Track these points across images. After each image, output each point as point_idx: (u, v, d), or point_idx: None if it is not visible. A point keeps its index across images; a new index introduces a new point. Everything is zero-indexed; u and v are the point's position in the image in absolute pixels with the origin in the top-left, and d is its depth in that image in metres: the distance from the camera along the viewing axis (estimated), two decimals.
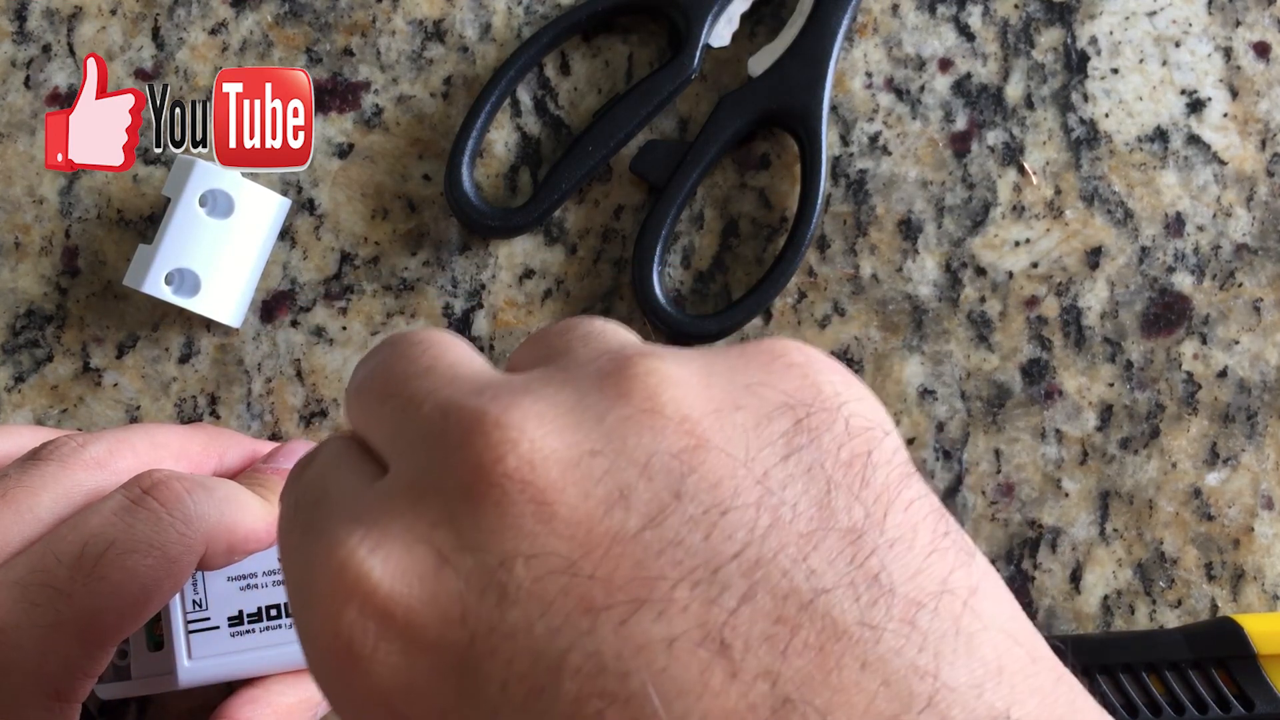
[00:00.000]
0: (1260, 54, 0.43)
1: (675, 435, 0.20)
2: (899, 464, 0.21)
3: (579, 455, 0.20)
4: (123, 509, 0.29)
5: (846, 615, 0.19)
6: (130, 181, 0.41)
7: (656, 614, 0.19)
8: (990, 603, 0.20)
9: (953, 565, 0.20)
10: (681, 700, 0.18)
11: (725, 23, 0.41)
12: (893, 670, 0.18)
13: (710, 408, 0.21)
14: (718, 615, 0.18)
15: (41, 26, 0.41)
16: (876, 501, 0.20)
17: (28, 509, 0.30)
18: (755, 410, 0.21)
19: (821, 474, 0.20)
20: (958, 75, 0.42)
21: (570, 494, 0.20)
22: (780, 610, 0.19)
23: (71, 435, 0.33)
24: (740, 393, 0.21)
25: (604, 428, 0.20)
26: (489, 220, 0.40)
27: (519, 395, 0.21)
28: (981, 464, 0.41)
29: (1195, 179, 0.42)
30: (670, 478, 0.20)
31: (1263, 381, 0.41)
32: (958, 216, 0.42)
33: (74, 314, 0.40)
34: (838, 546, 0.19)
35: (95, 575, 0.28)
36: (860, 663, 0.18)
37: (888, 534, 0.20)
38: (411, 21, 0.42)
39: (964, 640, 0.19)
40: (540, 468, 0.20)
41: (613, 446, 0.20)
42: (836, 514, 0.20)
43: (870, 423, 0.21)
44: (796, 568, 0.19)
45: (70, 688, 0.29)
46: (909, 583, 0.19)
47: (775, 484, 0.20)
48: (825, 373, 0.22)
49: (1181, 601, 0.40)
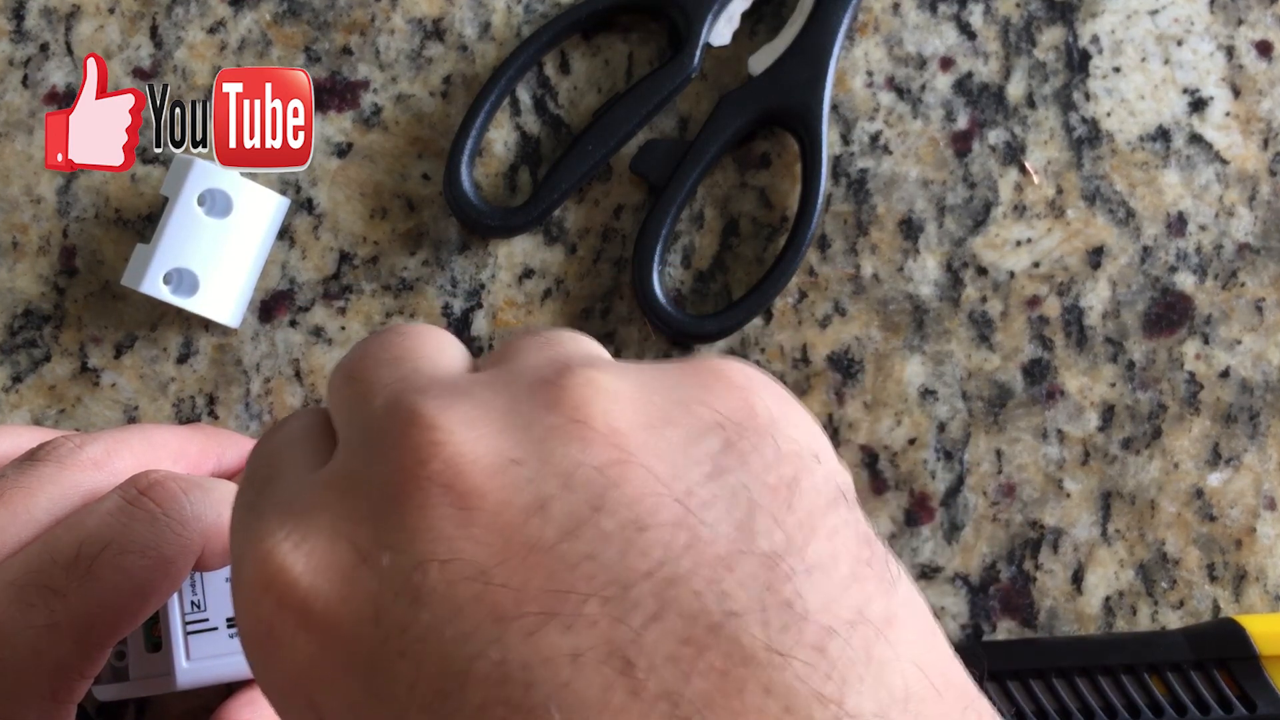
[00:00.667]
0: (1263, 53, 0.43)
1: (601, 448, 0.20)
2: (827, 491, 0.21)
3: (504, 462, 0.20)
4: (119, 510, 0.29)
5: (755, 640, 0.18)
6: (128, 181, 0.41)
7: (565, 627, 0.18)
8: (906, 633, 0.20)
9: (871, 594, 0.20)
10: (582, 716, 0.18)
11: (725, 21, 0.41)
12: (796, 697, 0.18)
13: (641, 421, 0.21)
14: (625, 633, 0.18)
15: (39, 25, 0.41)
16: (799, 528, 0.20)
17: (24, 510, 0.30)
18: (687, 428, 0.21)
19: (746, 497, 0.20)
20: (959, 74, 0.42)
21: (490, 501, 0.20)
22: (688, 631, 0.18)
23: (69, 436, 0.33)
24: (674, 409, 0.21)
25: (532, 436, 0.20)
26: (488, 220, 0.40)
27: (458, 398, 0.21)
28: (983, 464, 0.41)
29: (1197, 178, 0.42)
30: (591, 491, 0.20)
31: (1265, 381, 0.41)
32: (959, 216, 0.42)
33: (72, 314, 0.40)
34: (754, 570, 0.19)
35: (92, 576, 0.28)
36: (764, 688, 0.18)
37: (807, 560, 0.20)
38: (410, 20, 0.42)
39: (874, 669, 0.19)
40: (464, 472, 0.20)
41: (538, 456, 0.20)
42: (757, 538, 0.20)
43: (801, 448, 0.21)
44: (709, 589, 0.19)
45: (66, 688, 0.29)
46: (823, 610, 0.19)
47: (697, 504, 0.20)
48: (763, 395, 0.22)
49: (1183, 602, 0.40)
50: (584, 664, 0.18)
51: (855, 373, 0.41)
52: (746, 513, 0.20)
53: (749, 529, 0.20)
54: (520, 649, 0.18)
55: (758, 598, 0.19)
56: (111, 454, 0.32)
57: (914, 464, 0.40)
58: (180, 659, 0.34)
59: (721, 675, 0.18)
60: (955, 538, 0.40)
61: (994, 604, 0.40)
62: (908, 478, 0.40)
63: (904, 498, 0.40)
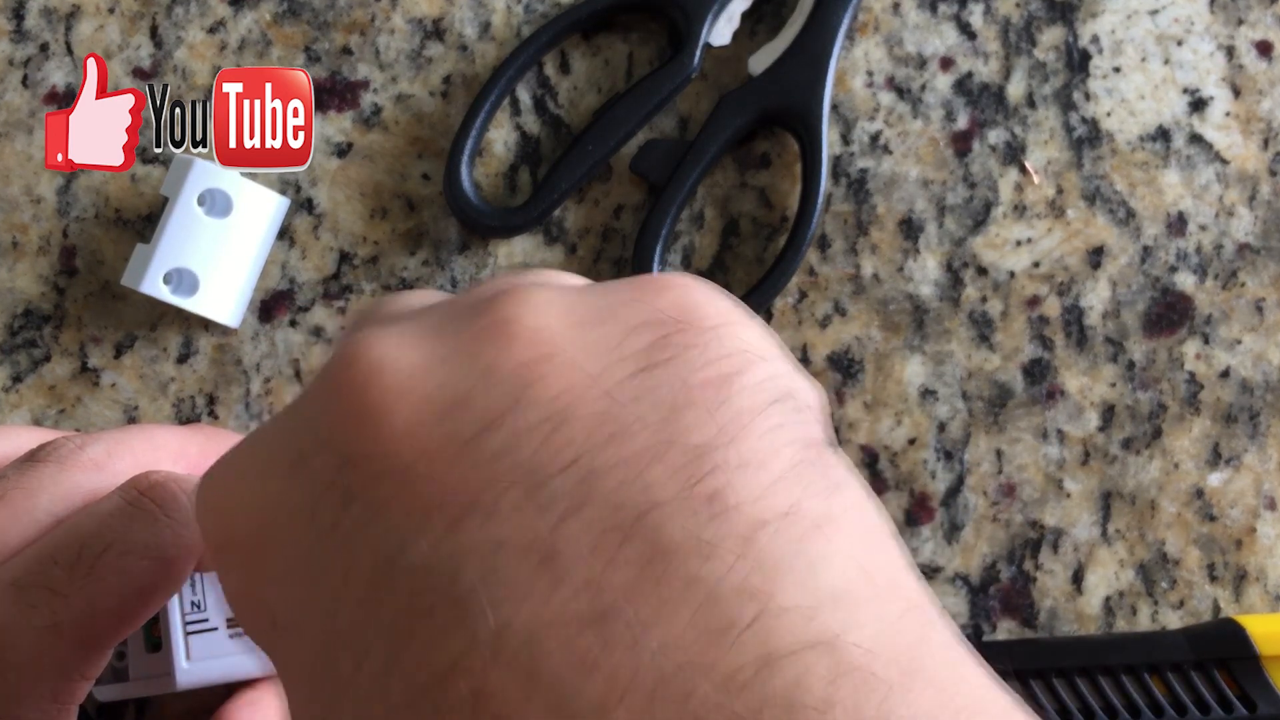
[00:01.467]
0: (1263, 53, 0.43)
1: (525, 345, 0.20)
2: (771, 390, 0.21)
3: (427, 363, 0.20)
4: (120, 510, 0.29)
5: (678, 531, 0.18)
6: (128, 181, 0.41)
7: (486, 517, 0.19)
8: (845, 532, 0.19)
9: (808, 493, 0.19)
10: (507, 604, 0.18)
11: (726, 21, 0.41)
12: (720, 587, 0.18)
13: (570, 321, 0.21)
14: (546, 522, 0.19)
15: (39, 25, 0.41)
16: (733, 422, 0.20)
17: (25, 510, 0.30)
18: (618, 325, 0.21)
19: (677, 390, 0.20)
20: (959, 74, 0.42)
21: (411, 398, 0.20)
22: (610, 521, 0.18)
23: (69, 436, 0.33)
24: (609, 309, 0.21)
25: (458, 340, 0.21)
26: (488, 220, 0.40)
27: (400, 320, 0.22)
28: (983, 464, 0.41)
29: (1197, 178, 0.42)
30: (513, 385, 0.20)
31: (1265, 381, 0.41)
32: (959, 216, 0.42)
33: (72, 314, 0.40)
34: (679, 463, 0.19)
35: (93, 577, 0.28)
36: (686, 579, 0.18)
37: (740, 455, 0.19)
38: (410, 20, 0.42)
39: (805, 563, 0.18)
40: (385, 373, 0.20)
41: (460, 356, 0.21)
42: (684, 431, 0.19)
43: (746, 347, 0.21)
44: (632, 481, 0.19)
45: (67, 689, 0.29)
46: (752, 503, 0.19)
47: (624, 397, 0.20)
48: (706, 296, 0.22)
49: (1184, 602, 0.40)
50: (507, 553, 0.18)
51: (855, 373, 0.41)
52: (676, 406, 0.20)
53: (677, 422, 0.20)
54: (444, 540, 0.19)
55: (682, 489, 0.19)
56: (112, 455, 0.32)
57: (914, 464, 0.40)
58: (180, 659, 0.34)
59: (645, 564, 0.18)
60: (955, 538, 0.40)
61: (994, 604, 0.40)
62: (908, 478, 0.40)
63: (904, 498, 0.40)
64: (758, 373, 0.21)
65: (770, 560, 0.18)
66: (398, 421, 0.20)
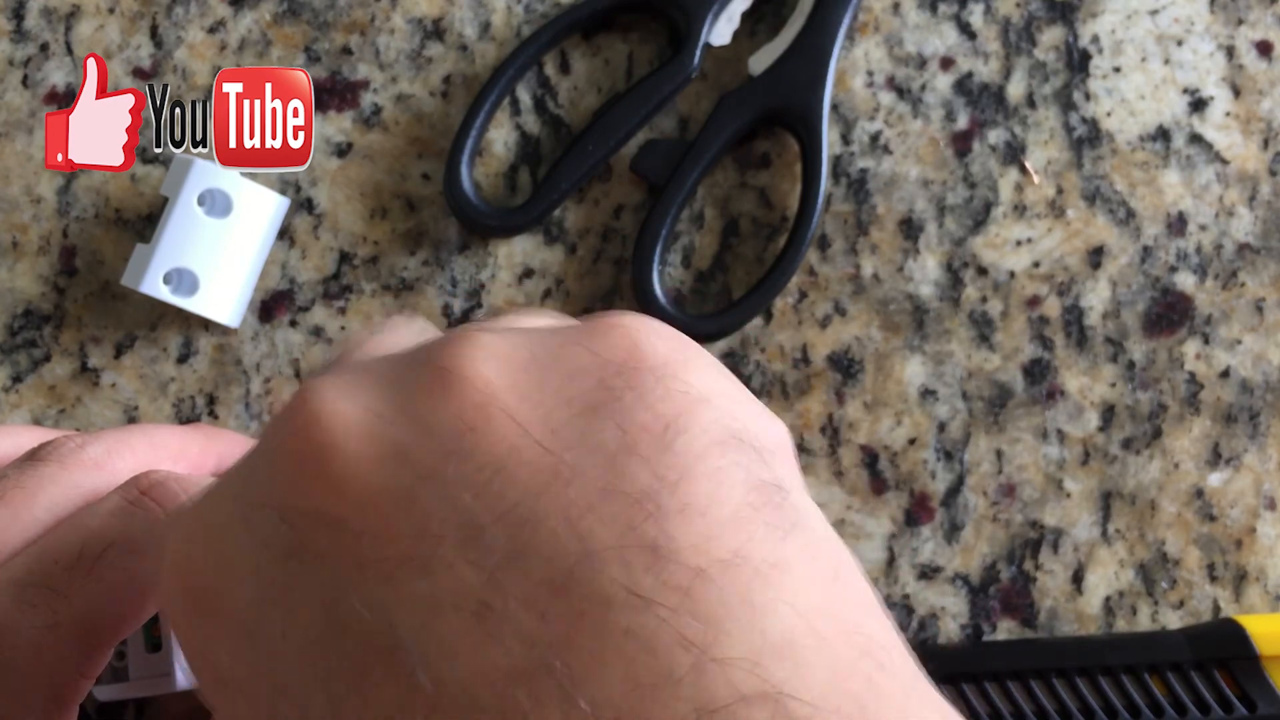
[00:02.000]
0: (1263, 53, 0.43)
1: (465, 395, 0.20)
2: (716, 432, 0.20)
3: (367, 417, 0.20)
4: (120, 510, 0.29)
5: (614, 581, 0.18)
6: (128, 181, 0.41)
7: (421, 571, 0.19)
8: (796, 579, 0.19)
9: (755, 538, 0.19)
10: (440, 659, 0.18)
11: (726, 21, 0.41)
12: (657, 639, 0.18)
13: (511, 367, 0.21)
14: (479, 575, 0.18)
15: (39, 25, 0.41)
16: (673, 468, 0.19)
17: (26, 510, 0.30)
18: (560, 373, 0.21)
19: (616, 437, 0.20)
20: (959, 74, 0.42)
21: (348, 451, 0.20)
22: (545, 573, 0.18)
23: (70, 436, 0.33)
24: (551, 354, 0.21)
25: (401, 392, 0.21)
26: (488, 219, 0.40)
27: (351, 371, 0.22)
28: (983, 464, 0.41)
29: (1197, 178, 0.42)
30: (448, 436, 0.20)
31: (1265, 381, 0.41)
32: (959, 216, 0.42)
33: (72, 314, 0.40)
34: (618, 510, 0.19)
35: (93, 576, 0.28)
36: (623, 630, 0.18)
37: (679, 500, 0.19)
38: (410, 20, 0.42)
39: (749, 613, 0.18)
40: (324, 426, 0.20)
41: (401, 408, 0.20)
42: (623, 477, 0.19)
43: (692, 390, 0.21)
44: (567, 530, 0.19)
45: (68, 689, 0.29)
46: (693, 550, 0.18)
47: (560, 443, 0.20)
48: (652, 339, 0.21)
49: (1184, 602, 0.40)
50: (441, 607, 0.18)
51: (855, 373, 0.41)
52: (615, 452, 0.19)
53: (616, 469, 0.19)
54: (379, 593, 0.19)
55: (619, 538, 0.18)
56: (113, 454, 0.32)
57: (914, 464, 0.40)
58: (180, 659, 0.34)
59: (578, 617, 0.18)
60: (955, 538, 0.40)
61: (994, 604, 0.40)
62: (908, 478, 0.40)
63: (904, 498, 0.40)
64: (702, 416, 0.20)
65: (710, 610, 0.18)
66: (334, 475, 0.20)
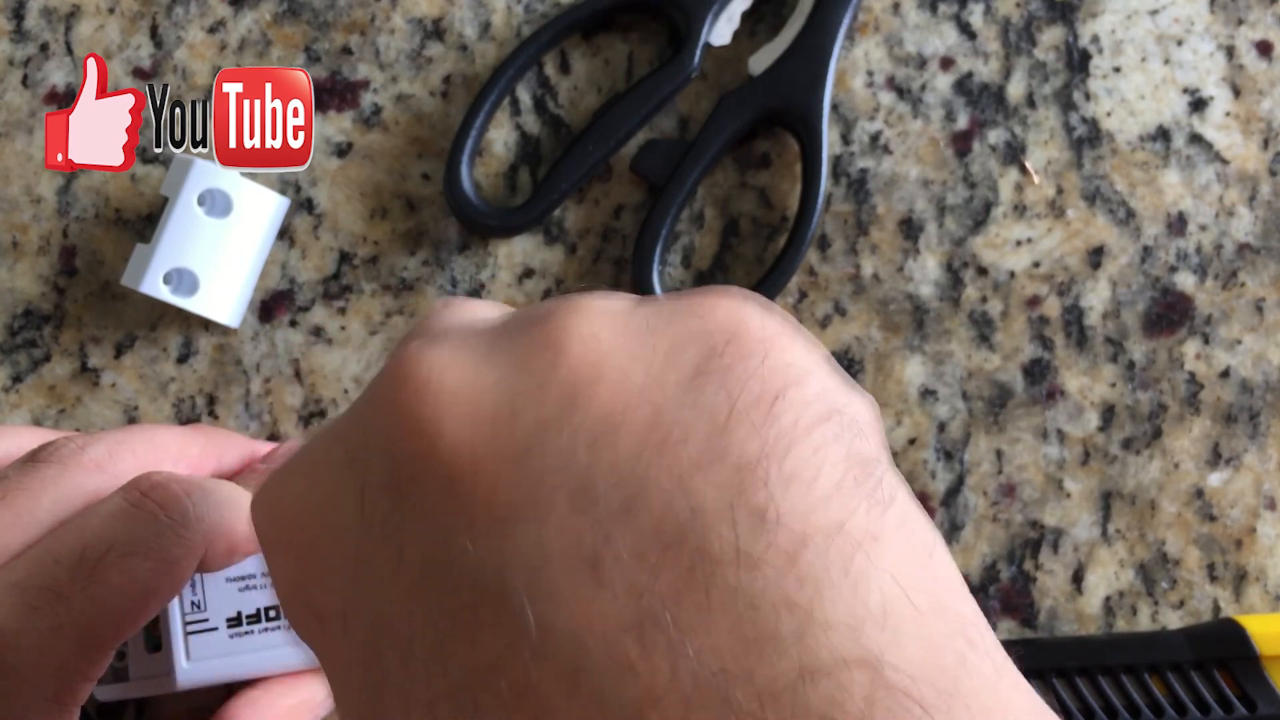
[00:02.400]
0: (1263, 53, 0.43)
1: (575, 356, 0.21)
2: (819, 406, 0.21)
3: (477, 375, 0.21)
4: (122, 511, 0.29)
5: (724, 541, 0.18)
6: (128, 181, 0.41)
7: (533, 523, 0.19)
8: (893, 552, 0.19)
9: (855, 510, 0.19)
10: (549, 605, 0.18)
11: (726, 21, 0.41)
12: (763, 600, 0.18)
13: (620, 333, 0.21)
14: (592, 528, 0.19)
15: (39, 25, 0.41)
16: (780, 438, 0.20)
17: (27, 511, 0.30)
18: (670, 337, 0.21)
19: (725, 404, 0.20)
20: (959, 74, 0.42)
21: (462, 409, 0.20)
22: (655, 528, 0.19)
23: (71, 437, 0.33)
24: (660, 321, 0.21)
25: (510, 351, 0.21)
26: (488, 219, 0.40)
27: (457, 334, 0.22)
28: (983, 464, 0.41)
29: (1197, 178, 0.42)
30: (564, 393, 0.20)
31: (1265, 381, 0.41)
32: (959, 216, 0.42)
33: (72, 314, 0.40)
34: (727, 475, 0.19)
35: (95, 578, 0.28)
36: (730, 589, 0.18)
37: (785, 471, 0.19)
38: (410, 20, 0.42)
39: (850, 581, 0.18)
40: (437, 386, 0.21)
41: (515, 363, 0.21)
42: (731, 445, 0.20)
43: (794, 363, 0.21)
44: (678, 490, 0.19)
45: (70, 690, 0.29)
46: (798, 519, 0.19)
47: (673, 407, 0.20)
48: (759, 315, 0.22)
49: (1184, 602, 0.40)
50: (552, 557, 0.19)
51: (855, 373, 0.41)
52: (724, 419, 0.20)
53: (725, 435, 0.20)
54: (492, 542, 0.19)
55: (728, 501, 0.19)
56: (114, 455, 0.32)
57: (914, 464, 0.40)
58: (180, 659, 0.34)
59: (687, 571, 0.18)
60: (955, 538, 0.40)
61: (994, 604, 0.40)
62: (908, 478, 0.40)
63: None
64: (806, 389, 0.21)
65: (814, 576, 0.18)
66: (448, 432, 0.20)
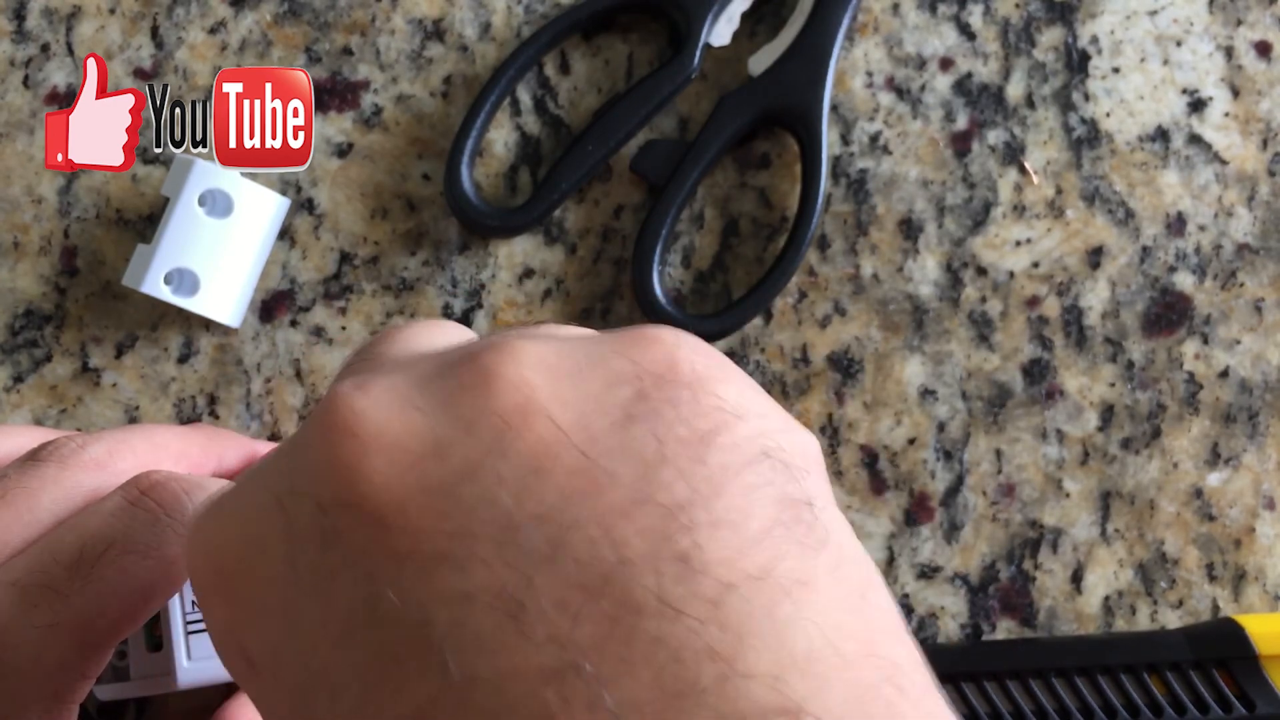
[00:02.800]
0: (1262, 53, 0.43)
1: (504, 395, 0.20)
2: (749, 449, 0.21)
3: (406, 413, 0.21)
4: (121, 510, 0.29)
5: (646, 590, 0.18)
6: (129, 181, 0.41)
7: (457, 568, 0.19)
8: (822, 597, 0.19)
9: (784, 554, 0.19)
10: (472, 655, 0.18)
11: (725, 22, 0.41)
12: (685, 649, 0.18)
13: (551, 373, 0.21)
14: (515, 575, 0.19)
15: (40, 26, 0.41)
16: (707, 481, 0.20)
17: (27, 510, 0.30)
18: (600, 379, 0.21)
19: (653, 447, 0.20)
20: (958, 74, 0.42)
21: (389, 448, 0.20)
22: (580, 577, 0.19)
23: (71, 436, 0.33)
24: (591, 361, 0.21)
25: (442, 389, 0.21)
26: (489, 220, 0.40)
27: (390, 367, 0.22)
28: (982, 464, 0.41)
29: (1196, 178, 0.42)
30: (491, 435, 0.20)
31: (1264, 381, 0.41)
32: (958, 216, 0.42)
33: (73, 314, 0.40)
34: (652, 521, 0.19)
35: (94, 576, 0.28)
36: (652, 638, 0.18)
37: (712, 515, 0.19)
38: (411, 20, 0.42)
39: (775, 629, 0.18)
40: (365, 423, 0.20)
41: (442, 404, 0.21)
42: (658, 489, 0.19)
43: (726, 406, 0.21)
44: (603, 537, 0.19)
45: (68, 688, 0.29)
46: (723, 564, 0.19)
47: (600, 451, 0.20)
48: (690, 353, 0.22)
49: (1183, 602, 0.40)
50: (475, 604, 0.19)
51: (855, 373, 0.41)
52: (651, 463, 0.20)
53: (652, 479, 0.20)
54: (415, 587, 0.19)
55: (653, 548, 0.19)
56: (114, 454, 0.32)
57: (914, 464, 0.41)
58: (181, 658, 0.34)
59: (611, 622, 0.18)
60: (955, 537, 0.40)
61: (993, 604, 0.40)
62: (907, 478, 0.40)
63: (904, 498, 0.40)
64: (737, 431, 0.21)
65: (737, 624, 0.18)
66: (375, 471, 0.20)
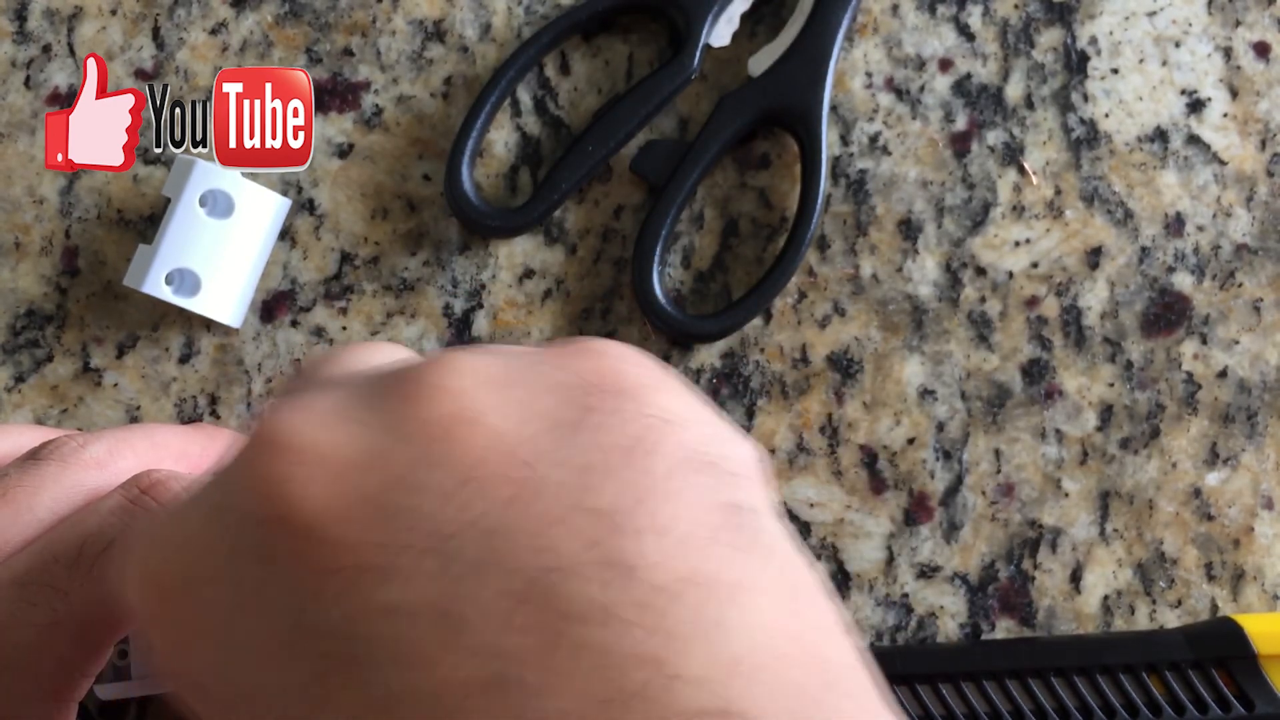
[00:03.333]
0: (1260, 54, 0.43)
1: (439, 401, 0.20)
2: (690, 457, 0.20)
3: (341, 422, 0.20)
4: (121, 508, 0.29)
5: (575, 596, 0.18)
6: (130, 181, 0.41)
7: (384, 579, 0.19)
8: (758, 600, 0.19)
9: (720, 559, 0.19)
10: (399, 668, 0.18)
11: (725, 22, 0.41)
12: (615, 654, 0.18)
13: (486, 382, 0.21)
14: (443, 585, 0.18)
15: (41, 26, 0.41)
16: (646, 488, 0.20)
17: (27, 508, 0.30)
18: (539, 388, 0.21)
19: (588, 453, 0.20)
20: (958, 75, 0.42)
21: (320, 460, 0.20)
22: (508, 585, 0.18)
23: (71, 435, 0.33)
24: (528, 371, 0.21)
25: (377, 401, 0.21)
26: (489, 220, 0.40)
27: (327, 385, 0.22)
28: (982, 464, 0.41)
29: (1195, 179, 0.42)
30: (420, 443, 0.20)
31: (1263, 381, 0.41)
32: (958, 216, 0.42)
33: (74, 314, 0.40)
34: (583, 526, 0.19)
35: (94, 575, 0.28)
36: (580, 645, 0.18)
37: (647, 520, 0.19)
38: (411, 21, 0.42)
39: (704, 631, 0.18)
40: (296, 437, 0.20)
41: (375, 421, 0.20)
42: (591, 494, 0.19)
43: (660, 413, 0.21)
44: (531, 544, 0.19)
45: (67, 687, 0.29)
46: (654, 568, 0.19)
47: (536, 458, 0.20)
48: (630, 364, 0.22)
49: (1181, 602, 0.40)
50: (402, 615, 0.18)
51: (855, 373, 0.41)
52: (585, 469, 0.20)
53: (589, 486, 0.19)
54: (342, 601, 0.19)
55: (582, 552, 0.19)
56: (114, 453, 0.32)
57: (913, 464, 0.41)
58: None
59: (538, 629, 0.18)
60: (954, 537, 0.40)
61: (993, 603, 0.40)
62: (907, 478, 0.40)
63: (903, 497, 0.40)
64: (670, 438, 0.21)
65: (668, 626, 0.18)
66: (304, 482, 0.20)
